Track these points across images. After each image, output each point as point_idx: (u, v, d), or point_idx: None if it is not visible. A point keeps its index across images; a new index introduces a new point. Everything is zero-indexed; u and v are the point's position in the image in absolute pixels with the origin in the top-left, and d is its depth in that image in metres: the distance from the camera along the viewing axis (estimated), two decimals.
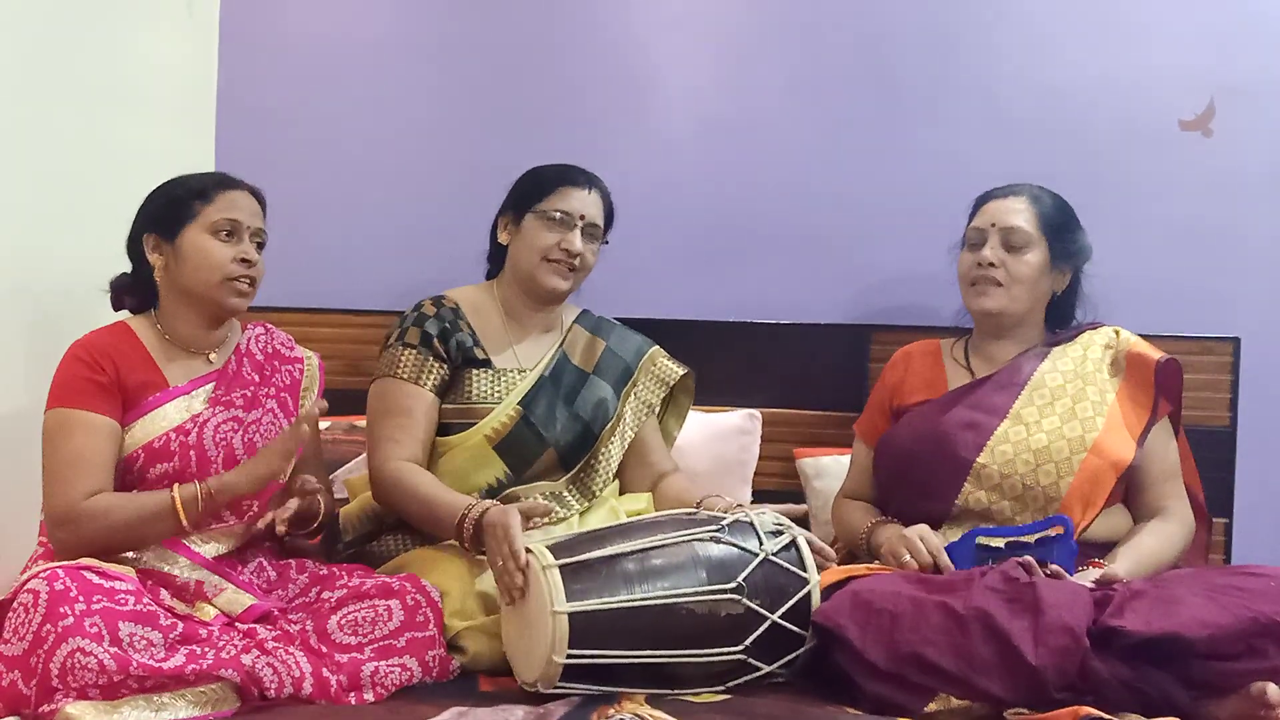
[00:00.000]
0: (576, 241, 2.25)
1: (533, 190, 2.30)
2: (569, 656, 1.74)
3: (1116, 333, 2.30)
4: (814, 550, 1.91)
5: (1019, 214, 2.27)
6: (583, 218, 2.26)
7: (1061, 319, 2.34)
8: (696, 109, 2.87)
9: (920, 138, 2.81)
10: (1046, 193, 2.32)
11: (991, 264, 2.24)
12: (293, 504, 1.98)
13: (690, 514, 1.96)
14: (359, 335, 2.78)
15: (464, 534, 1.96)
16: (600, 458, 2.29)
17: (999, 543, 2.05)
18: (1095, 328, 2.32)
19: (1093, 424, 2.18)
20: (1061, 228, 2.28)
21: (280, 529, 1.96)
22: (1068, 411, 2.19)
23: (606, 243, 2.35)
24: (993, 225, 2.27)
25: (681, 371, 2.43)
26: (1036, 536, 2.04)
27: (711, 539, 1.86)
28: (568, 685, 1.76)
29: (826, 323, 2.78)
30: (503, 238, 2.34)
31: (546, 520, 2.18)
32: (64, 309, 2.29)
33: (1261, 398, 2.67)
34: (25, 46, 2.25)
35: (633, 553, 1.82)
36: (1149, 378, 2.23)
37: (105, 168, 2.48)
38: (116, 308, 2.12)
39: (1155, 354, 2.25)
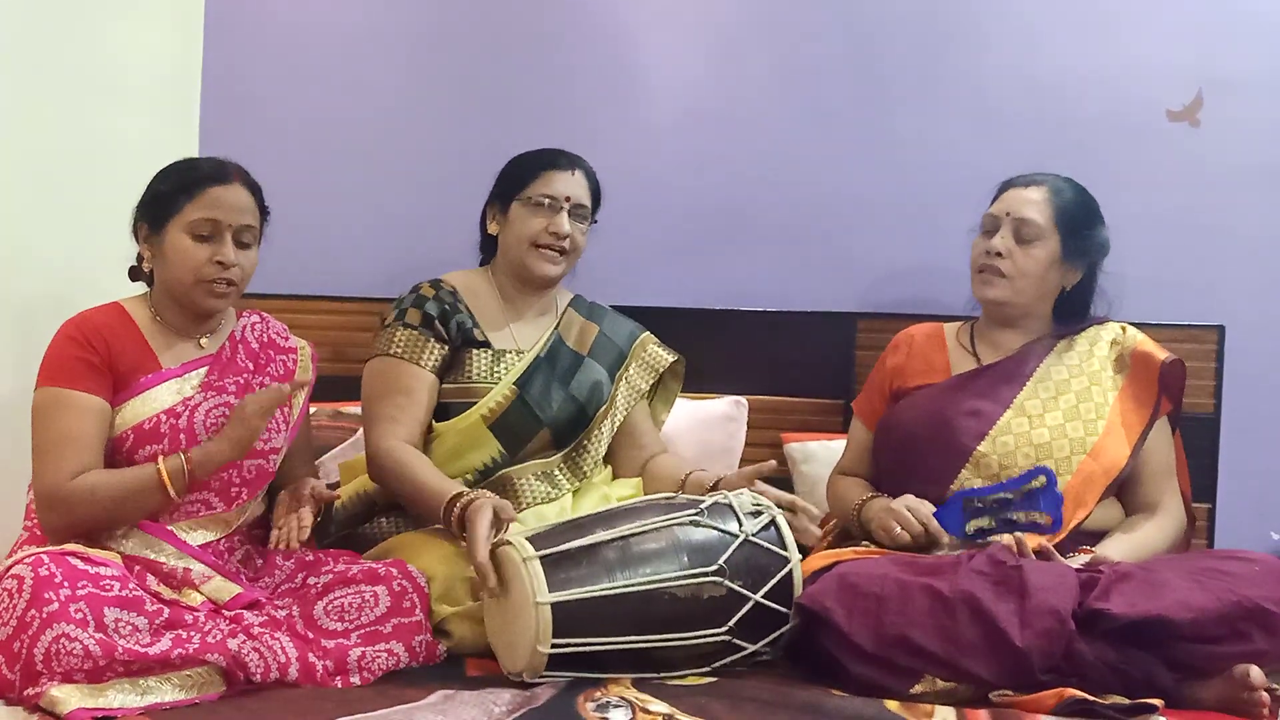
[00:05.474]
0: (564, 224, 2.25)
1: (517, 178, 2.30)
2: (553, 646, 1.74)
3: (1123, 329, 2.29)
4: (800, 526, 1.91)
5: (1034, 206, 2.23)
6: (568, 200, 2.27)
7: (1072, 313, 2.30)
8: (684, 98, 2.86)
9: (907, 129, 2.81)
10: (1070, 186, 2.27)
11: (999, 254, 2.22)
12: (307, 515, 1.98)
13: (669, 498, 1.96)
14: (345, 322, 2.78)
15: (452, 524, 1.97)
16: (592, 438, 2.30)
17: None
18: (1102, 323, 2.30)
19: (1094, 427, 2.17)
20: (1078, 223, 2.24)
21: (300, 540, 1.95)
22: (1071, 410, 2.18)
23: (595, 222, 2.35)
24: (1007, 214, 2.24)
25: (671, 358, 2.44)
26: (1023, 490, 2.04)
27: (691, 523, 1.86)
28: (553, 674, 1.77)
29: (813, 310, 2.78)
30: (492, 228, 2.34)
31: (538, 500, 2.19)
32: (43, 298, 2.28)
33: (1245, 385, 2.68)
34: (6, 34, 2.24)
35: (613, 540, 1.82)
36: (1153, 377, 2.22)
37: (88, 156, 2.46)
38: (134, 279, 2.10)
39: (1161, 354, 2.23)
